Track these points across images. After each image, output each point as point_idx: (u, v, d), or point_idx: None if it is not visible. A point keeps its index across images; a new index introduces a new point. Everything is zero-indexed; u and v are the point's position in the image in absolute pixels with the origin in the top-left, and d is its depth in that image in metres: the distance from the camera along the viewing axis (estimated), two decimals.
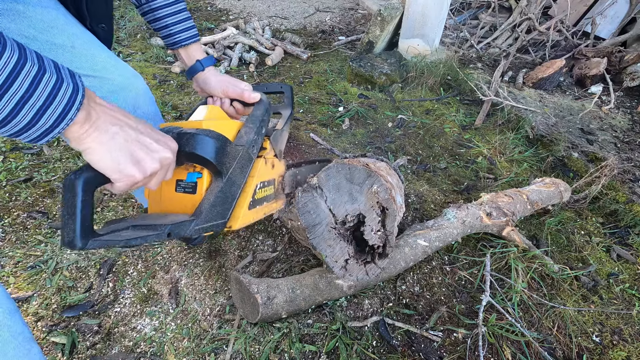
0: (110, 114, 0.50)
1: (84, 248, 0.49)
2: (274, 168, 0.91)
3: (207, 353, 1.06)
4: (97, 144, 0.48)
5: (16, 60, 0.39)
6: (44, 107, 0.42)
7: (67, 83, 0.44)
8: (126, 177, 0.52)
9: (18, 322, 0.65)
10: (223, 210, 0.69)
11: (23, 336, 0.65)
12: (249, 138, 0.75)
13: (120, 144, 0.50)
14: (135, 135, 0.52)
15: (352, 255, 1.06)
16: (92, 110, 0.47)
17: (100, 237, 0.51)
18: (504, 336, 1.14)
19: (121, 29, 3.03)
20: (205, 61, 0.93)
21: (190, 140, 0.61)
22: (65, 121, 0.44)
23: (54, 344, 1.05)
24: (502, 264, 1.35)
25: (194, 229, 0.63)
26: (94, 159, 0.49)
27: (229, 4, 3.90)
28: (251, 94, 0.88)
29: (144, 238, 0.55)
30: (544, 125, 2.22)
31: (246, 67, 2.71)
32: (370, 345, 1.10)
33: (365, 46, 2.84)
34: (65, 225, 0.48)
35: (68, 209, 0.48)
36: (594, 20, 2.99)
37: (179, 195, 0.69)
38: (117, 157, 0.50)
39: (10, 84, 0.38)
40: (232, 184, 0.70)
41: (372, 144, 2.01)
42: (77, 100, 0.44)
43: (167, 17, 0.87)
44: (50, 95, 0.42)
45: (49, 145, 1.75)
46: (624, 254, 1.48)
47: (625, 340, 1.19)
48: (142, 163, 0.53)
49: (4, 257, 1.26)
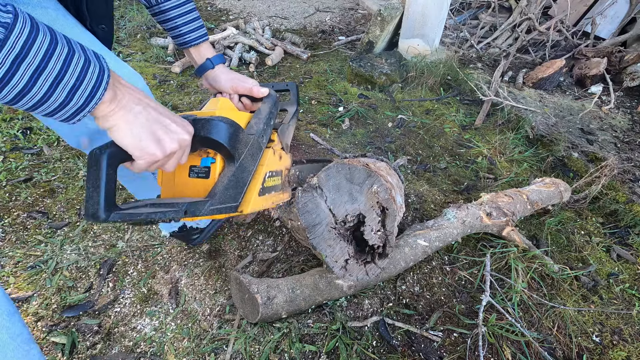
0: (134, 94, 0.53)
1: (107, 220, 0.51)
2: (281, 160, 0.94)
3: (207, 353, 1.06)
4: (123, 122, 0.51)
5: (49, 42, 0.41)
6: (75, 86, 0.44)
7: (94, 64, 0.46)
8: (147, 155, 0.54)
9: (17, 323, 0.65)
10: (235, 194, 0.72)
11: (22, 337, 0.65)
12: (259, 128, 0.79)
13: (142, 123, 0.53)
14: (157, 115, 0.55)
15: (352, 255, 1.06)
16: (117, 90, 0.50)
17: (122, 210, 0.53)
18: (504, 336, 1.14)
19: (121, 29, 3.03)
20: (215, 59, 0.95)
21: (206, 125, 0.64)
22: (95, 100, 0.47)
23: (54, 344, 1.05)
24: (502, 264, 1.35)
25: (209, 209, 0.65)
26: (118, 135, 0.51)
27: (229, 4, 3.90)
28: (260, 89, 0.91)
29: (163, 213, 0.57)
30: (544, 125, 2.22)
31: (246, 67, 2.71)
32: (370, 345, 1.10)
33: (365, 46, 2.84)
34: (89, 198, 0.50)
35: (93, 181, 0.50)
36: (594, 20, 2.99)
37: (193, 181, 0.72)
38: (139, 135, 0.53)
39: (46, 65, 0.41)
40: (243, 170, 0.73)
41: (372, 144, 2.01)
42: (104, 80, 0.47)
43: (177, 17, 0.89)
44: (80, 75, 0.45)
45: (49, 145, 1.75)
46: (624, 254, 1.48)
47: (625, 340, 1.19)
48: (163, 142, 0.55)
49: (4, 257, 1.26)
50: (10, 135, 1.76)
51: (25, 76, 0.40)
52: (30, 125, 1.84)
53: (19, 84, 0.40)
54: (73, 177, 1.60)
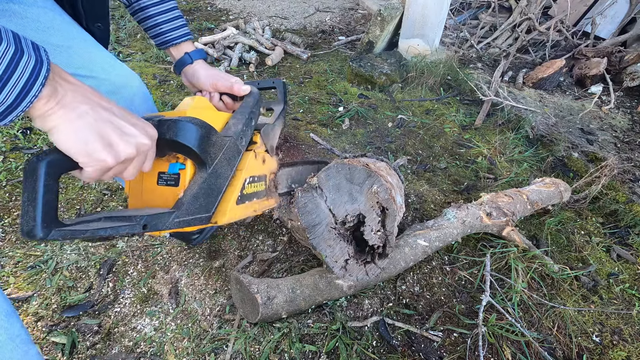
0: (81, 92, 0.47)
1: (45, 238, 0.45)
2: (265, 163, 0.88)
3: (207, 353, 1.06)
4: (63, 121, 0.44)
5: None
6: (2, 80, 0.39)
7: (27, 55, 0.40)
8: (96, 162, 0.48)
9: (15, 324, 0.64)
10: (207, 204, 0.66)
11: (20, 338, 0.64)
12: (237, 129, 0.72)
13: (89, 124, 0.46)
14: (108, 116, 0.49)
15: (352, 256, 1.06)
16: (58, 87, 0.44)
17: (66, 227, 0.47)
18: (504, 336, 1.14)
19: (121, 29, 3.03)
20: (194, 54, 0.90)
21: (172, 127, 0.58)
22: (29, 97, 0.41)
23: (54, 344, 1.05)
24: (502, 264, 1.35)
25: (173, 222, 0.59)
26: (59, 138, 0.45)
27: (229, 4, 3.90)
28: (241, 87, 0.86)
29: (114, 229, 0.51)
30: (544, 125, 2.22)
31: (246, 67, 2.71)
32: (370, 345, 1.10)
33: (365, 46, 2.84)
34: (24, 213, 0.44)
35: (28, 194, 0.44)
36: (594, 20, 2.99)
37: (161, 189, 0.65)
38: (84, 138, 0.46)
39: None
40: (217, 176, 0.67)
41: (372, 144, 2.01)
42: (41, 74, 0.41)
43: (156, 15, 0.85)
44: (9, 68, 0.39)
45: (49, 145, 1.75)
46: (624, 254, 1.48)
47: (625, 340, 1.19)
48: (115, 147, 0.49)
49: (4, 257, 1.26)
50: (10, 135, 1.76)
51: None
52: (30, 125, 1.84)
53: None
54: (73, 177, 1.60)
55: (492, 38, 3.18)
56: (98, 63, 0.82)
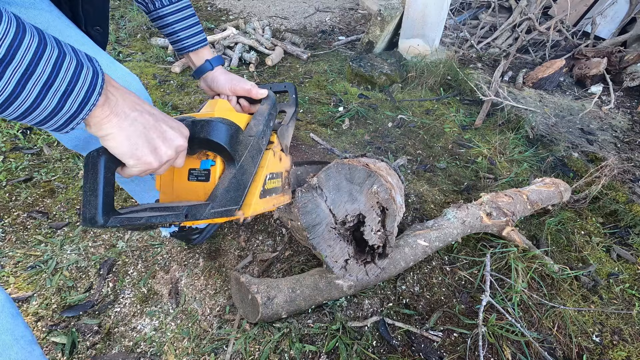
0: (129, 98, 0.50)
1: (105, 225, 0.49)
2: (282, 161, 0.94)
3: (207, 353, 1.06)
4: (118, 129, 0.48)
5: (37, 44, 0.39)
6: (67, 92, 0.42)
7: (87, 67, 0.44)
8: (143, 164, 0.52)
9: (20, 325, 0.65)
10: (236, 197, 0.71)
11: (25, 339, 0.65)
12: (259, 129, 0.78)
13: (139, 130, 0.50)
14: (154, 122, 0.53)
15: (352, 255, 1.06)
16: (110, 95, 0.47)
17: (121, 215, 0.51)
18: (504, 336, 1.14)
19: (121, 29, 3.03)
20: (214, 61, 0.94)
21: (205, 127, 0.63)
22: (89, 106, 0.44)
23: (54, 344, 1.05)
24: (502, 264, 1.35)
25: (210, 212, 0.63)
26: (113, 144, 0.49)
27: (229, 4, 3.90)
28: (258, 91, 0.90)
29: (163, 217, 0.55)
30: (544, 125, 2.22)
31: (246, 67, 2.71)
32: (370, 345, 1.10)
33: (365, 46, 2.84)
34: (86, 202, 0.48)
35: (90, 185, 0.49)
36: (594, 20, 2.99)
37: (192, 184, 0.70)
38: (135, 144, 0.50)
39: (34, 69, 0.39)
40: (244, 172, 0.72)
41: (372, 144, 2.01)
42: (97, 84, 0.45)
43: (175, 23, 0.89)
44: (72, 79, 0.42)
45: (49, 145, 1.75)
46: (624, 254, 1.48)
47: (625, 340, 1.19)
48: (159, 150, 0.53)
49: (4, 257, 1.26)
50: (10, 135, 1.76)
51: (12, 82, 0.37)
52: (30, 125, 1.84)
53: (5, 90, 0.37)
54: (73, 177, 1.60)
55: (492, 38, 3.18)
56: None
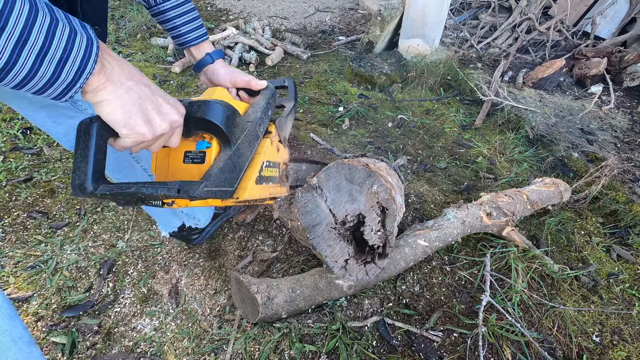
0: (126, 67, 0.50)
1: (94, 192, 0.49)
2: (279, 152, 0.95)
3: (207, 353, 1.06)
4: (113, 96, 0.48)
5: (28, 10, 0.38)
6: (62, 60, 0.42)
7: (80, 34, 0.43)
8: (136, 134, 0.51)
9: (18, 326, 0.65)
10: (231, 178, 0.71)
11: (23, 340, 0.65)
12: (256, 116, 0.78)
13: (134, 99, 0.50)
14: (150, 93, 0.52)
15: (352, 255, 1.06)
16: (106, 62, 0.47)
17: (111, 184, 0.51)
18: (504, 336, 1.14)
19: (121, 29, 3.03)
20: (215, 54, 0.95)
21: (202, 107, 0.63)
22: (85, 74, 0.44)
23: (54, 344, 1.05)
24: (502, 264, 1.35)
25: (202, 190, 0.63)
26: (107, 111, 0.48)
27: (229, 4, 3.90)
28: (258, 82, 0.92)
29: (154, 189, 0.55)
30: (544, 125, 2.22)
31: (246, 67, 2.71)
32: (370, 345, 1.10)
33: (365, 46, 2.84)
34: (77, 168, 0.48)
35: (81, 151, 0.48)
36: (594, 20, 2.99)
37: (188, 166, 0.70)
38: (129, 112, 0.50)
39: (28, 36, 0.38)
40: (240, 155, 0.72)
41: (372, 144, 2.01)
42: (92, 51, 0.44)
43: (176, 18, 0.89)
44: (67, 47, 0.42)
45: (49, 145, 1.75)
46: (624, 254, 1.48)
47: (625, 340, 1.19)
48: (153, 123, 0.53)
49: (4, 257, 1.26)
50: (10, 135, 1.76)
51: (7, 49, 0.37)
52: (30, 125, 1.84)
53: (1, 59, 0.37)
54: None
55: (492, 38, 3.18)
56: None
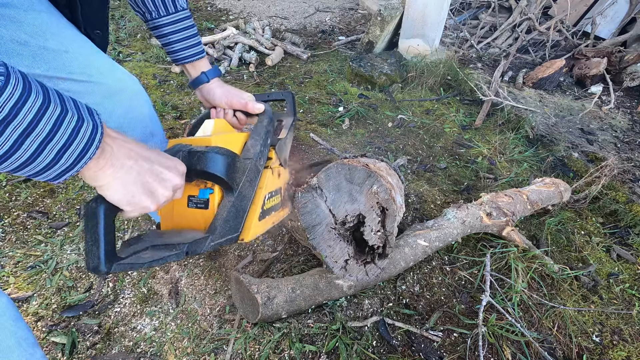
0: (125, 146, 0.50)
1: (109, 272, 0.50)
2: (280, 177, 0.93)
3: (207, 353, 1.06)
4: (113, 179, 0.48)
5: (40, 103, 0.38)
6: (64, 147, 0.41)
7: (87, 122, 0.43)
8: (140, 209, 0.53)
9: (23, 327, 0.66)
10: (235, 224, 0.71)
11: (27, 342, 0.66)
12: (256, 151, 0.77)
13: (134, 177, 0.51)
14: (149, 166, 0.53)
15: (351, 256, 1.06)
16: (106, 146, 0.47)
17: (124, 260, 0.52)
18: (504, 336, 1.14)
19: (121, 29, 3.03)
20: (210, 73, 0.93)
21: (202, 159, 0.63)
22: (85, 160, 0.44)
23: (54, 344, 1.05)
24: (502, 264, 1.35)
25: (209, 245, 0.64)
26: (109, 193, 0.49)
27: (229, 4, 3.90)
28: (255, 105, 0.88)
29: (164, 259, 0.57)
30: (544, 125, 2.22)
31: (246, 67, 2.71)
32: (370, 345, 1.10)
33: (365, 46, 2.84)
34: (89, 251, 0.49)
35: (91, 235, 0.49)
36: (594, 20, 2.99)
37: (192, 211, 0.71)
38: (131, 190, 0.51)
39: (35, 127, 0.38)
40: (242, 198, 0.72)
41: (372, 144, 2.01)
42: (96, 138, 0.44)
43: (171, 34, 0.88)
44: (72, 135, 0.42)
45: None
46: (624, 254, 1.48)
47: (625, 340, 1.19)
48: (155, 193, 0.54)
49: (4, 257, 1.26)
50: None
51: (10, 140, 0.37)
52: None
53: (2, 148, 0.37)
54: (73, 177, 1.60)
55: (492, 38, 3.18)
56: (95, 67, 0.81)
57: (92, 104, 0.83)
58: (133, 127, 0.92)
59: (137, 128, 0.93)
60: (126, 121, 0.89)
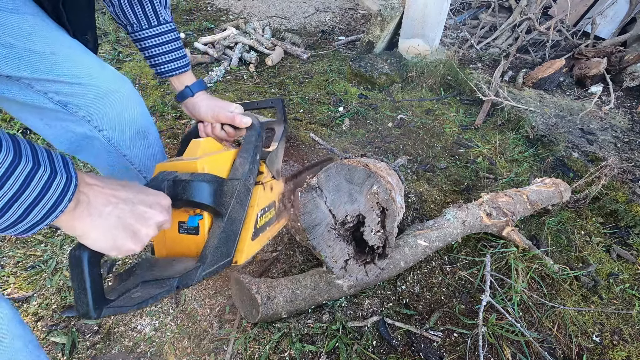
0: (103, 192, 0.48)
1: (99, 317, 0.51)
2: (273, 190, 0.90)
3: (207, 353, 1.06)
4: (90, 227, 0.47)
5: (10, 160, 0.37)
6: (35, 202, 0.40)
7: (60, 174, 0.42)
8: (125, 251, 0.52)
9: (28, 332, 0.68)
10: (227, 249, 0.70)
11: (32, 344, 0.68)
12: (244, 170, 0.75)
13: (114, 222, 0.49)
14: (130, 207, 0.51)
15: (351, 256, 1.06)
16: (81, 196, 0.45)
17: (113, 302, 0.53)
18: (504, 336, 1.14)
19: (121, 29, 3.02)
20: (195, 86, 0.91)
21: (186, 188, 0.62)
22: (56, 213, 0.42)
23: (54, 344, 1.05)
24: (502, 264, 1.35)
25: (201, 276, 0.64)
26: (89, 242, 0.48)
27: (229, 4, 3.89)
28: (242, 120, 0.85)
29: (154, 297, 0.57)
30: (544, 125, 2.22)
31: (246, 67, 2.71)
32: (370, 345, 1.10)
33: (365, 46, 2.84)
34: (78, 298, 0.49)
35: (78, 283, 0.49)
36: (594, 20, 2.99)
37: (182, 237, 0.70)
38: (113, 236, 0.49)
39: (3, 184, 0.37)
40: (233, 222, 0.70)
41: (372, 144, 2.01)
42: (69, 190, 0.43)
43: (154, 47, 0.86)
44: (43, 189, 0.40)
45: (48, 145, 1.75)
46: (624, 254, 1.48)
47: (625, 340, 1.19)
48: (139, 234, 0.52)
49: (4, 257, 1.26)
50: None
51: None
52: None
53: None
54: None
55: (492, 38, 3.18)
56: (84, 69, 0.80)
57: (83, 105, 0.83)
58: (126, 127, 0.91)
59: (130, 128, 0.92)
60: (118, 122, 0.88)
